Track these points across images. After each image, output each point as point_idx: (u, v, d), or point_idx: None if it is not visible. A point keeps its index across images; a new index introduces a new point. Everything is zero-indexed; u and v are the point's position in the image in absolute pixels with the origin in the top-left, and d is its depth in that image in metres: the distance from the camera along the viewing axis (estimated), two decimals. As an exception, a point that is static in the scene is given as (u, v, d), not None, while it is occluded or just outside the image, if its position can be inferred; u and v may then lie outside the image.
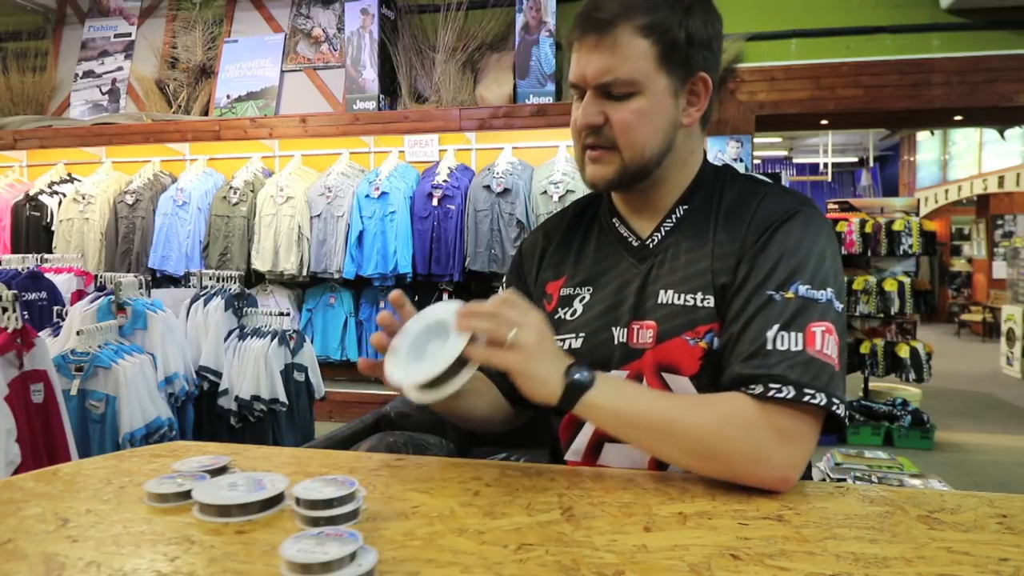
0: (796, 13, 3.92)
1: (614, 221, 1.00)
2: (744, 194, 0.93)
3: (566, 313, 0.97)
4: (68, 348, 2.25)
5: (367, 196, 3.99)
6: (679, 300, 0.89)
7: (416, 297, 4.04)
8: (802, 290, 0.82)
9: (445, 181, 3.94)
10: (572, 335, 0.95)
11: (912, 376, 4.20)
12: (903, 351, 4.24)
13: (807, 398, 0.76)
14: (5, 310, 1.84)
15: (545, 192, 3.79)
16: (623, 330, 0.92)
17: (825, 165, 11.79)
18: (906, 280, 4.32)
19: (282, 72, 4.58)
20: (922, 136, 10.83)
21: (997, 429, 4.58)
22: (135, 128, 4.44)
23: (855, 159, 12.69)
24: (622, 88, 0.87)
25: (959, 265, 11.37)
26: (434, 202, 3.92)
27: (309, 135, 4.24)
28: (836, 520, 0.67)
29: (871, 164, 12.29)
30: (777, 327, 0.80)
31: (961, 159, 9.92)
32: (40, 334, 2.05)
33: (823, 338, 0.79)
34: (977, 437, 4.35)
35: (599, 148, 0.91)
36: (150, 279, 3.47)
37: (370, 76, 4.22)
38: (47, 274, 3.09)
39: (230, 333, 2.80)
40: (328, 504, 0.64)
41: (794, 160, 12.74)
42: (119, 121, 4.51)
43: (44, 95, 4.97)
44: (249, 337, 2.77)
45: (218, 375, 2.74)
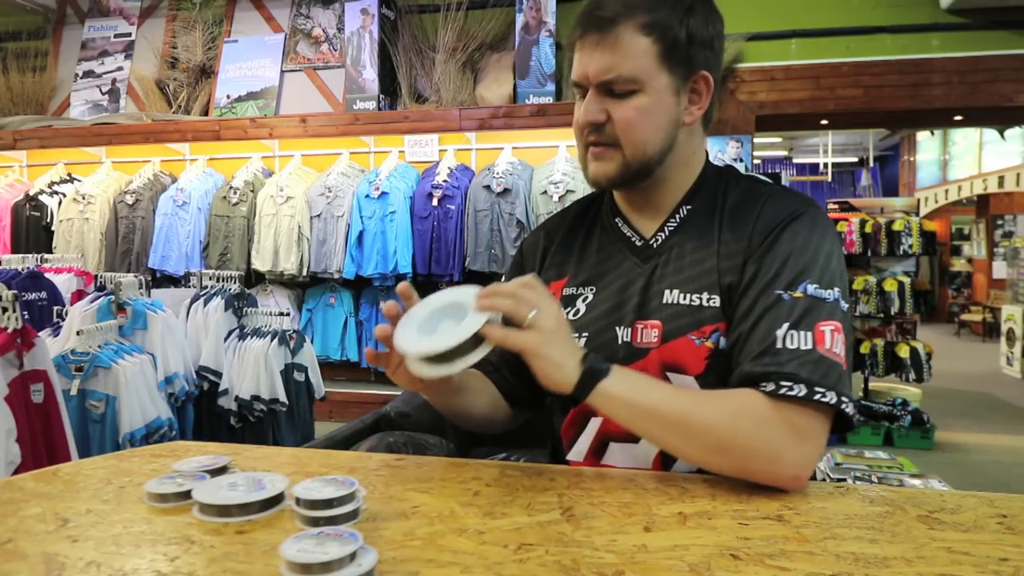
0: (796, 13, 3.92)
1: (616, 221, 1.00)
2: (748, 194, 0.93)
3: (569, 313, 0.97)
4: (68, 348, 2.25)
5: (367, 196, 3.99)
6: (685, 300, 0.89)
7: (416, 297, 4.04)
8: (810, 289, 0.82)
9: (445, 181, 3.94)
10: (575, 335, 0.95)
11: (912, 376, 4.20)
12: (903, 351, 4.24)
13: (818, 396, 0.76)
14: (5, 310, 1.84)
15: (545, 192, 3.79)
16: (627, 330, 0.92)
17: (825, 165, 11.79)
18: (906, 280, 4.32)
19: (282, 72, 4.58)
20: (922, 136, 10.83)
21: (997, 429, 4.58)
22: (135, 128, 4.44)
23: (855, 159, 12.69)
24: (624, 85, 0.88)
25: (959, 265, 11.36)
26: (434, 202, 3.92)
27: (309, 135, 4.24)
28: (836, 520, 0.67)
29: (871, 164, 12.29)
30: (787, 326, 0.80)
31: (961, 159, 9.91)
32: (40, 334, 2.05)
33: (832, 337, 0.80)
34: (977, 437, 4.35)
35: (601, 145, 0.91)
36: (150, 279, 3.47)
37: (370, 76, 4.22)
38: (47, 274, 3.09)
39: (230, 333, 2.80)
40: (328, 504, 0.64)
41: (794, 160, 12.74)
42: (119, 121, 4.52)
43: (44, 95, 4.97)
44: (249, 337, 2.77)
45: (218, 375, 2.74)
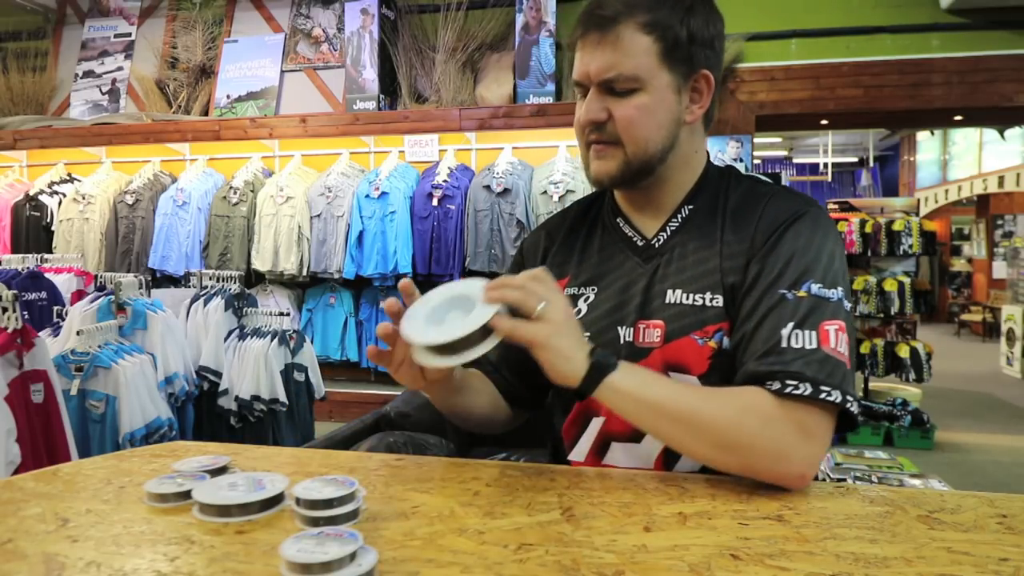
0: (796, 13, 3.92)
1: (618, 221, 1.00)
2: (750, 195, 0.93)
3: None
4: (68, 348, 2.25)
5: (367, 196, 3.99)
6: (688, 300, 0.89)
7: (416, 297, 4.04)
8: (814, 289, 0.82)
9: (445, 181, 3.94)
10: None
11: (912, 376, 4.20)
12: (903, 351, 4.24)
13: (823, 395, 0.77)
14: (5, 310, 1.84)
15: (545, 192, 3.79)
16: (629, 329, 0.92)
17: (825, 165, 11.79)
18: (906, 280, 4.32)
19: (282, 72, 4.58)
20: (922, 136, 10.82)
21: (997, 429, 4.58)
22: (135, 128, 4.44)
23: (855, 159, 12.69)
24: (625, 84, 0.88)
25: (959, 265, 11.36)
26: (434, 202, 3.92)
27: (309, 135, 4.24)
28: (836, 520, 0.67)
29: (871, 164, 12.29)
30: (791, 325, 0.80)
31: (961, 159, 9.91)
32: (40, 334, 2.05)
33: (836, 336, 0.80)
34: (977, 437, 4.35)
35: (603, 143, 0.91)
36: (150, 279, 3.47)
37: (370, 76, 4.22)
38: (47, 274, 3.08)
39: (230, 333, 2.80)
40: (328, 504, 0.64)
41: (794, 160, 12.74)
42: (119, 121, 4.51)
43: (44, 95, 4.97)
44: (249, 337, 2.77)
45: (218, 375, 2.74)
